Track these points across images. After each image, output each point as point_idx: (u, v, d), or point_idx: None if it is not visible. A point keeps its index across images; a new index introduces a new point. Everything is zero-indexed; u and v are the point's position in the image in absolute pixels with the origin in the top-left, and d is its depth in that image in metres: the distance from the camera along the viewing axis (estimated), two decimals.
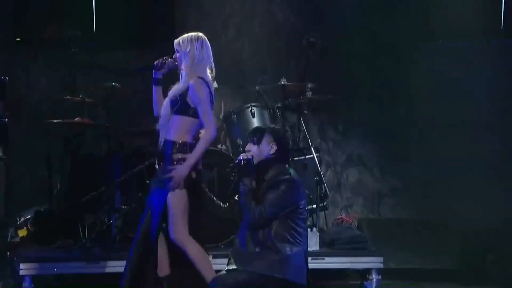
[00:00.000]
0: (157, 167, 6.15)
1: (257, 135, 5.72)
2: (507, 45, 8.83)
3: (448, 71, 8.81)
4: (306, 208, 5.87)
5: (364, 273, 7.43)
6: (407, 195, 8.95)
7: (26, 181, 8.32)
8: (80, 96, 7.62)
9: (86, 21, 8.46)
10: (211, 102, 5.90)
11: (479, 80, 8.77)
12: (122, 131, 7.83)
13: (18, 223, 7.82)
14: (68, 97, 7.66)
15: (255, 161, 5.66)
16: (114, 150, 7.74)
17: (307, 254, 5.70)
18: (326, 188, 8.13)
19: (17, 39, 8.41)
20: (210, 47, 6.08)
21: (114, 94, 7.66)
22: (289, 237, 5.56)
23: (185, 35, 6.07)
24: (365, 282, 7.40)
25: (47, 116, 7.85)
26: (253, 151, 5.69)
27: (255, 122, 7.83)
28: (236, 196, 5.75)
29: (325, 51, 8.43)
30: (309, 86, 8.04)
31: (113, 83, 7.57)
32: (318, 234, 7.55)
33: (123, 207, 7.64)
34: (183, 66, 5.96)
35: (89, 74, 8.00)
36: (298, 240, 5.59)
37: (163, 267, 5.95)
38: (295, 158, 7.96)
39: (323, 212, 8.12)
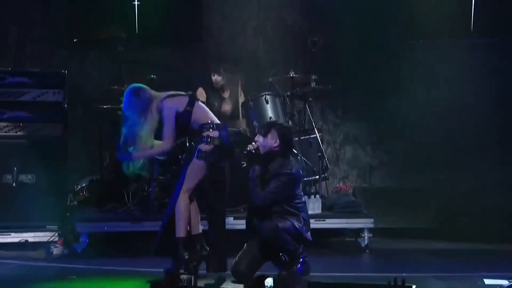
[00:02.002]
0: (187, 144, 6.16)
1: (265, 128, 5.69)
2: (476, 44, 8.78)
3: (429, 64, 8.78)
4: (302, 193, 5.87)
5: (357, 232, 7.49)
6: (393, 167, 8.93)
7: (82, 155, 8.34)
8: (125, 86, 7.60)
9: (130, 25, 8.47)
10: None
11: (454, 72, 8.72)
12: None
13: (76, 189, 7.88)
14: (115, 86, 7.67)
15: (261, 151, 5.61)
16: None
17: (307, 221, 5.72)
18: (327, 162, 8.18)
19: (74, 40, 8.42)
20: None
21: (152, 84, 7.63)
22: (289, 212, 5.60)
23: None
24: (358, 239, 7.44)
25: (99, 102, 7.87)
26: (259, 141, 5.64)
27: (268, 108, 7.84)
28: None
29: (326, 48, 8.37)
30: (313, 77, 8.05)
31: (152, 76, 7.59)
32: (320, 200, 7.58)
33: (160, 177, 7.65)
34: None
35: (132, 68, 7.99)
36: (297, 212, 5.64)
37: (195, 227, 5.92)
38: (302, 137, 7.99)
39: (324, 182, 8.16)
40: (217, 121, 5.92)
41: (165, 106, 5.83)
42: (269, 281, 5.37)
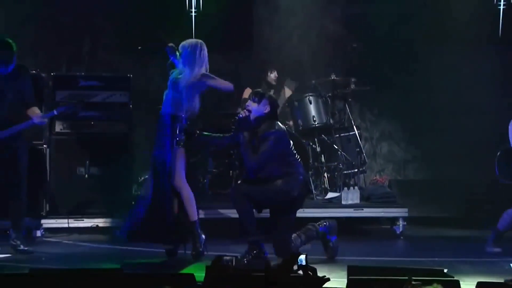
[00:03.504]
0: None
1: (259, 96, 5.68)
2: (502, 49, 8.53)
3: (457, 67, 8.54)
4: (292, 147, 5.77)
5: (393, 220, 7.26)
6: (425, 161, 8.75)
7: (145, 151, 8.24)
8: None
9: (186, 33, 8.36)
10: None
11: (480, 75, 8.48)
12: (212, 113, 7.68)
13: (139, 181, 7.81)
14: None
15: (252, 117, 5.62)
16: (207, 127, 7.63)
17: (305, 176, 5.76)
18: (365, 156, 8.04)
19: (139, 47, 8.37)
20: None
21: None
22: (285, 171, 5.57)
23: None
24: (393, 227, 7.21)
25: (160, 103, 7.77)
26: (253, 108, 5.64)
27: (312, 107, 7.73)
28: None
29: (364, 53, 8.27)
30: (352, 80, 7.94)
31: None
32: (358, 191, 7.41)
33: (214, 170, 7.54)
34: None
35: None
36: (292, 170, 5.59)
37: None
38: (342, 134, 7.90)
39: (362, 175, 8.02)
40: None
41: None
42: (302, 258, 5.15)
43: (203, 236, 5.84)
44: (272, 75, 8.12)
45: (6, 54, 6.02)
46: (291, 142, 5.80)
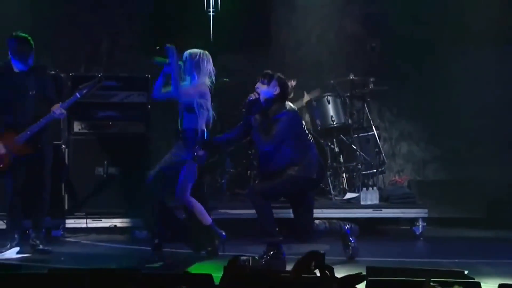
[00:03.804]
0: None
1: (268, 78, 5.60)
2: None
3: (476, 67, 8.46)
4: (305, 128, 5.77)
5: (412, 221, 7.23)
6: (445, 161, 8.67)
7: (162, 150, 8.25)
8: None
9: (205, 34, 8.40)
10: None
11: (501, 75, 8.43)
12: (230, 114, 7.68)
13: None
14: None
15: (261, 99, 5.54)
16: (225, 127, 7.64)
17: (318, 157, 5.67)
18: (384, 157, 7.99)
19: (156, 47, 8.37)
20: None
21: (225, 86, 7.57)
22: (298, 153, 5.49)
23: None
24: (413, 228, 7.17)
25: (177, 103, 7.79)
26: (262, 90, 5.56)
27: (330, 107, 7.71)
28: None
29: (382, 53, 8.24)
30: (371, 80, 7.90)
31: (225, 79, 7.49)
32: (377, 191, 7.39)
33: (231, 170, 7.55)
34: None
35: None
36: (308, 152, 5.52)
37: None
38: (360, 134, 7.87)
39: (381, 175, 7.98)
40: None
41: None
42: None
43: (224, 234, 5.86)
44: (290, 84, 8.07)
45: (25, 49, 6.04)
46: (303, 122, 5.75)
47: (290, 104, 5.68)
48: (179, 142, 6.04)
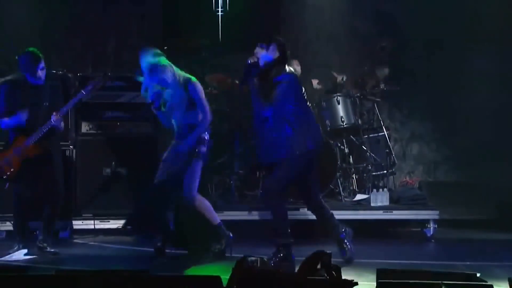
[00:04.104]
0: None
1: (266, 41, 5.55)
2: None
3: (488, 68, 8.43)
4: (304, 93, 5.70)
5: (423, 223, 7.18)
6: (456, 162, 8.63)
7: None
8: (209, 88, 7.54)
9: (214, 33, 8.40)
10: None
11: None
12: (239, 114, 7.68)
13: None
14: None
15: (261, 63, 5.48)
16: (233, 128, 7.65)
17: (316, 125, 5.63)
18: (394, 158, 7.95)
19: (165, 47, 8.39)
20: None
21: (233, 87, 7.57)
22: (295, 117, 5.44)
23: None
24: (424, 230, 7.14)
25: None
26: (261, 54, 5.50)
27: (340, 108, 7.67)
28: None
29: (393, 52, 8.15)
30: (381, 79, 7.85)
31: (236, 81, 7.49)
32: (388, 193, 7.35)
33: (240, 171, 7.54)
34: None
35: (216, 72, 7.92)
36: (304, 117, 5.49)
37: None
38: (371, 135, 7.83)
39: (392, 176, 7.94)
40: None
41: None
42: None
43: (231, 235, 5.88)
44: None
45: (31, 62, 6.05)
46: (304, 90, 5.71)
47: (290, 68, 5.61)
48: (174, 143, 6.05)
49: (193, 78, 6.08)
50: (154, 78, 5.94)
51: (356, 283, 3.34)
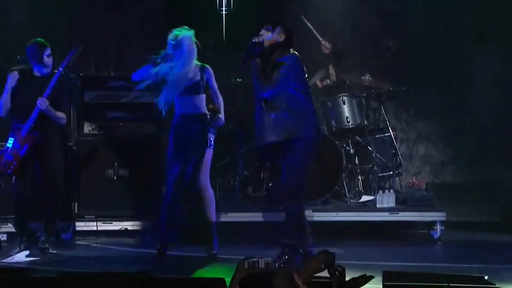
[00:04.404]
0: None
1: (272, 24, 5.52)
2: None
3: (495, 68, 8.43)
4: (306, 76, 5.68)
5: (430, 225, 7.17)
6: (463, 163, 8.60)
7: None
8: None
9: (218, 33, 8.41)
10: None
11: None
12: (243, 114, 7.67)
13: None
14: None
15: (266, 44, 5.44)
16: (237, 129, 7.64)
17: (314, 113, 5.60)
18: (401, 158, 7.93)
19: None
20: None
21: (238, 86, 7.55)
22: (296, 100, 5.42)
23: None
24: (431, 232, 7.11)
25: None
26: (267, 36, 5.48)
27: (345, 108, 7.66)
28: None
29: (400, 52, 8.18)
30: (387, 79, 7.87)
31: (237, 79, 7.50)
32: (394, 194, 7.33)
33: (244, 172, 7.53)
34: None
35: (220, 72, 7.89)
36: (303, 101, 5.46)
37: None
38: (377, 136, 7.81)
39: (398, 177, 7.92)
40: None
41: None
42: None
43: (216, 249, 5.93)
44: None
45: (38, 51, 6.14)
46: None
47: (294, 51, 5.58)
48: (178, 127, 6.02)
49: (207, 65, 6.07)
50: (179, 51, 5.84)
51: (372, 277, 3.33)
